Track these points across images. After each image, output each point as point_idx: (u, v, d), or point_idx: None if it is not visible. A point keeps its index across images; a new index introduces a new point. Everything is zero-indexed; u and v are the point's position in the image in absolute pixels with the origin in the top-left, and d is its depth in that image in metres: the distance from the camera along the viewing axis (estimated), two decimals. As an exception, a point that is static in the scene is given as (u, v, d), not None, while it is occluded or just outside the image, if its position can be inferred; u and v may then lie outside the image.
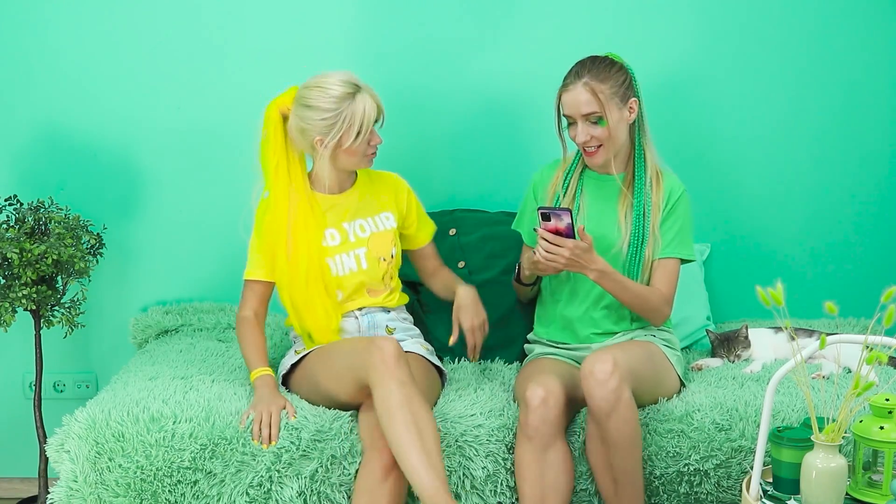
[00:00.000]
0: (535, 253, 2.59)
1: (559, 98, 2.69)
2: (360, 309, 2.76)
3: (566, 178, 2.79)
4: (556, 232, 2.52)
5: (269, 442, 2.47)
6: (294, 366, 2.73)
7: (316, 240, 2.69)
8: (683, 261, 2.75)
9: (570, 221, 2.51)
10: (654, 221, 2.71)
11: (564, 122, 2.71)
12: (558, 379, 2.53)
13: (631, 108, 2.69)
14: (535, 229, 2.58)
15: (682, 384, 2.74)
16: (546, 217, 2.53)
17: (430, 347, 2.83)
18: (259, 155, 2.72)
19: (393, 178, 2.86)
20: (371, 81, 2.69)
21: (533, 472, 2.46)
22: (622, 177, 2.75)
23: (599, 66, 2.67)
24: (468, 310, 2.73)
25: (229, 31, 3.21)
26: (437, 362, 2.77)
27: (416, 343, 2.78)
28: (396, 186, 2.84)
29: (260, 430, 2.48)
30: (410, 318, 2.90)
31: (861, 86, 3.24)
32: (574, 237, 2.54)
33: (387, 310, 2.79)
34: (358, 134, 2.61)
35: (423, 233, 2.89)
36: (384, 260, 2.76)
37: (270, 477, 2.48)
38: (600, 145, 2.67)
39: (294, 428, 2.50)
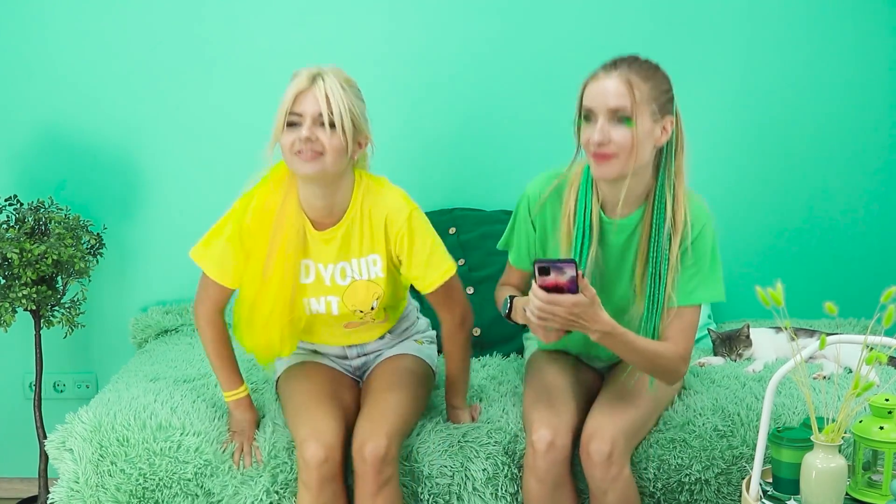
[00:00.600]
0: (525, 310, 2.19)
1: (583, 90, 2.25)
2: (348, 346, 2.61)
3: (583, 220, 2.33)
4: (556, 286, 2.09)
5: (249, 464, 2.44)
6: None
7: (294, 263, 2.39)
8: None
9: (573, 275, 2.07)
10: (671, 280, 2.34)
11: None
12: (565, 411, 2.41)
13: (665, 127, 2.26)
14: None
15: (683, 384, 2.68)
16: (545, 271, 2.08)
17: (432, 338, 2.73)
18: None
19: (389, 211, 2.38)
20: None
21: None
22: (638, 221, 2.36)
23: (643, 65, 2.25)
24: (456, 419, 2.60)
25: (229, 32, 3.21)
26: (431, 363, 2.67)
27: (408, 344, 2.66)
28: (388, 223, 2.38)
29: (241, 456, 2.46)
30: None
31: (860, 85, 3.24)
32: (576, 291, 2.10)
33: (381, 337, 2.64)
34: (283, 117, 2.29)
35: (425, 281, 2.43)
36: (360, 312, 2.46)
37: (271, 501, 2.45)
38: (616, 154, 2.22)
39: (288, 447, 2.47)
